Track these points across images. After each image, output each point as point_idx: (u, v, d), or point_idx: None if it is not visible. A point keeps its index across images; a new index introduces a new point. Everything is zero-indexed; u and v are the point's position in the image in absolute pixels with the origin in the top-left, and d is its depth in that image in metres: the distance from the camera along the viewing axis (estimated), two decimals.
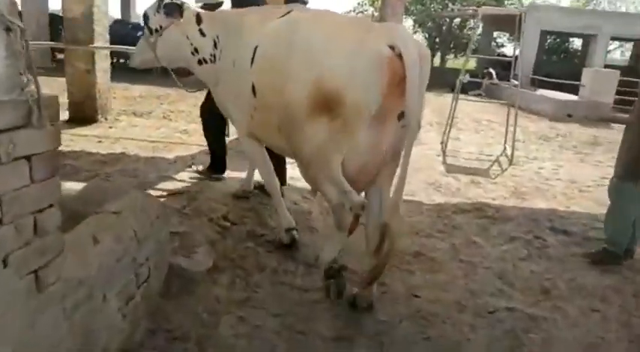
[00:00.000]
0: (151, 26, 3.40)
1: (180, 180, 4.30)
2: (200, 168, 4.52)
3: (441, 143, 7.01)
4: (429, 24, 21.90)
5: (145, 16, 3.44)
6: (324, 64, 2.32)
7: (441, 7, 21.03)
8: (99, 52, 6.67)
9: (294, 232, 3.26)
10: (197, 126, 6.34)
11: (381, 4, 14.06)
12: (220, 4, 3.54)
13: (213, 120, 4.12)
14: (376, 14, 21.68)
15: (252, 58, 2.78)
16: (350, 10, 22.91)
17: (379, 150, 2.47)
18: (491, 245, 3.63)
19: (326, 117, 2.33)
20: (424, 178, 5.24)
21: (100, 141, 5.60)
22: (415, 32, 23.19)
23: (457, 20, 21.73)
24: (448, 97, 13.51)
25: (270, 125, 2.74)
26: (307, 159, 2.52)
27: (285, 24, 2.66)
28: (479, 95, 14.46)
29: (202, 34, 3.28)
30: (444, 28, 21.91)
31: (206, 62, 3.32)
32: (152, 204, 2.47)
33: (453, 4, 20.01)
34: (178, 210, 3.53)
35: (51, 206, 1.56)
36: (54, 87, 8.99)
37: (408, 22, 21.83)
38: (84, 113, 6.61)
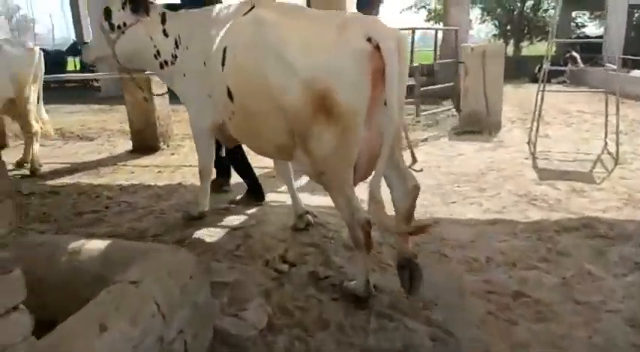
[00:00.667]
0: (113, 22, 3.29)
1: (235, 213, 3.93)
2: (238, 197, 4.22)
3: (528, 143, 6.22)
4: (498, 10, 20.50)
5: (107, 11, 3.32)
6: (308, 65, 2.26)
7: None
8: (154, 78, 6.54)
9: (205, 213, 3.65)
10: None
11: None
12: (184, 3, 3.49)
13: (232, 155, 4.07)
14: (439, 7, 20.71)
15: (223, 60, 2.71)
16: (411, 6, 22.02)
17: (375, 139, 2.38)
18: (613, 275, 2.88)
19: (328, 119, 2.28)
20: (513, 189, 4.50)
21: (159, 172, 5.39)
22: (483, 21, 21.85)
23: (529, 3, 20.19)
24: (527, 88, 12.54)
25: (252, 129, 2.70)
26: (318, 166, 2.45)
27: (252, 25, 2.57)
28: (563, 83, 13.18)
29: (165, 34, 3.25)
30: (514, 13, 20.42)
31: (167, 65, 3.31)
32: (185, 261, 2.05)
33: None
34: (231, 251, 3.15)
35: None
36: (116, 117, 9.17)
37: (475, 12, 20.59)
38: (146, 142, 6.50)
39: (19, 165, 5.66)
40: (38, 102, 5.62)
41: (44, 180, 5.10)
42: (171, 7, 3.40)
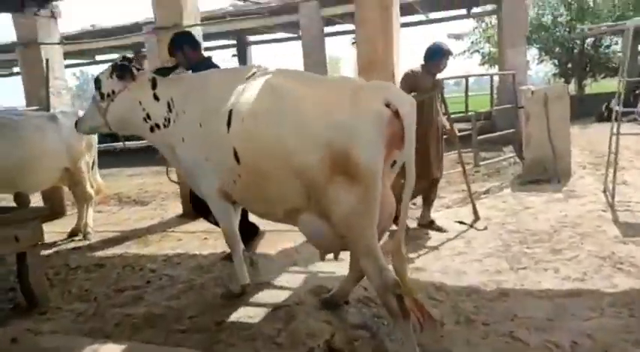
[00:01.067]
0: (103, 91, 3.35)
1: (279, 287, 3.64)
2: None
3: (604, 191, 5.59)
4: (557, 49, 19.78)
5: (97, 81, 3.39)
6: (328, 127, 2.35)
7: (567, 29, 18.95)
8: None
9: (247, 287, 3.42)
10: None
11: (499, 39, 12.79)
12: (175, 68, 3.57)
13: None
14: (493, 50, 20.28)
15: (229, 122, 2.76)
16: (464, 51, 21.72)
17: (386, 196, 2.53)
18: None
19: (346, 182, 2.33)
20: (594, 249, 3.94)
21: (205, 239, 5.24)
22: (541, 61, 21.13)
23: (589, 40, 19.37)
24: (595, 128, 11.70)
25: (260, 192, 2.71)
26: (340, 228, 2.46)
27: (266, 89, 2.68)
28: (634, 120, 12.21)
29: (156, 98, 3.27)
30: (574, 51, 19.63)
31: (159, 128, 3.29)
32: None
33: (582, 23, 17.86)
34: (271, 338, 2.83)
35: None
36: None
37: (532, 52, 19.98)
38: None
39: (73, 234, 5.71)
40: (92, 168, 5.74)
41: (93, 251, 5.06)
42: (162, 71, 3.45)
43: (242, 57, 18.96)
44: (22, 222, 3.48)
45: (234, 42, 19.02)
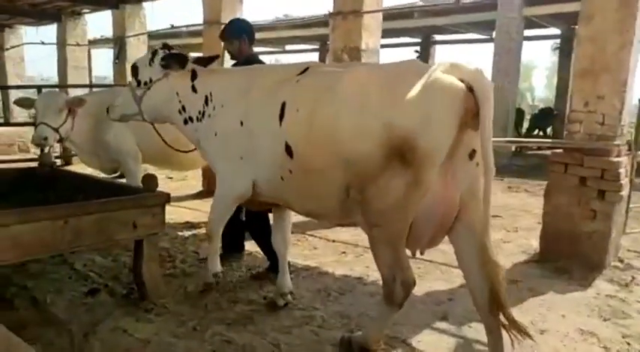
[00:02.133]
0: (140, 78, 3.19)
1: (418, 349, 2.74)
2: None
3: None
4: None
5: (134, 68, 3.23)
6: (389, 111, 2.20)
7: None
8: None
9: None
10: None
11: None
12: (216, 58, 3.41)
13: (255, 220, 3.87)
14: None
15: (281, 115, 2.62)
16: None
17: (451, 198, 2.27)
18: None
19: (400, 168, 2.19)
20: None
21: (343, 253, 4.53)
22: None
23: None
24: None
25: (311, 186, 2.58)
26: (376, 218, 2.33)
27: (321, 78, 2.59)
28: None
29: (194, 90, 3.12)
30: None
31: (192, 121, 3.14)
32: None
33: None
34: None
35: None
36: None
37: None
38: None
39: None
40: None
41: None
42: (202, 61, 3.28)
43: (424, 56, 17.96)
44: (144, 208, 3.15)
45: (419, 40, 18.10)
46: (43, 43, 10.84)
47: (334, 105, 2.38)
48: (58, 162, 7.98)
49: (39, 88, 7.27)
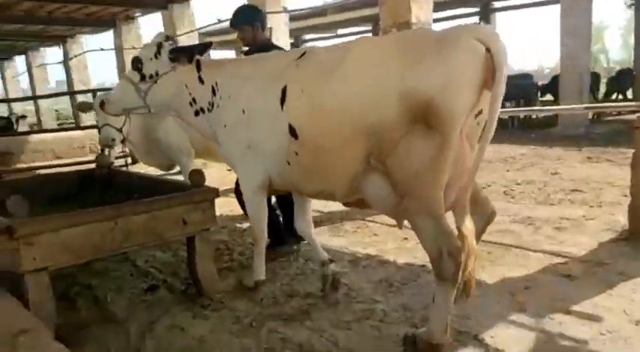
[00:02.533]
0: (144, 72, 3.06)
1: (490, 346, 2.46)
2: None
3: None
4: None
5: (137, 60, 3.08)
6: (411, 76, 2.16)
7: None
8: None
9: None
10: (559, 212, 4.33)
11: None
12: (210, 45, 3.29)
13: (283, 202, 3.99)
14: None
15: (282, 99, 2.62)
16: None
17: (468, 154, 2.29)
18: None
19: (423, 132, 2.16)
20: None
21: (405, 239, 4.28)
22: None
23: None
24: None
25: (321, 166, 2.57)
26: (405, 186, 2.28)
27: (325, 56, 2.57)
28: None
29: (201, 81, 3.08)
30: None
31: (203, 112, 3.12)
32: None
33: None
34: None
35: None
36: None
37: None
38: None
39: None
40: None
41: None
42: (198, 49, 3.14)
43: (485, 24, 16.99)
44: (192, 204, 3.07)
45: (477, 9, 17.14)
46: (102, 49, 11.28)
47: (346, 79, 2.36)
48: (127, 161, 8.25)
49: (93, 91, 7.51)
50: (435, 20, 10.45)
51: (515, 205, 5.34)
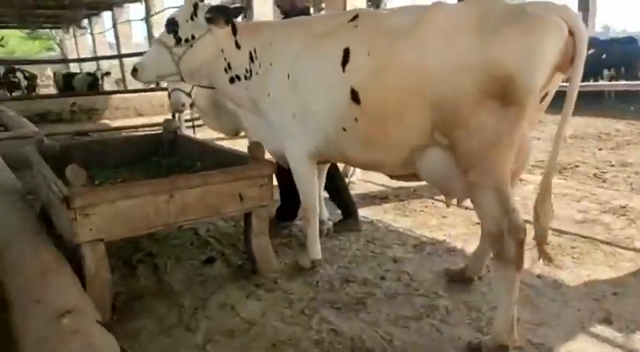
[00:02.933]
0: (180, 35, 2.86)
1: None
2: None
3: None
4: None
5: (173, 23, 2.87)
6: (492, 49, 2.04)
7: None
8: None
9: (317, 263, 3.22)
10: None
11: None
12: (242, 10, 3.15)
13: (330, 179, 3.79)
14: None
15: (344, 61, 2.46)
16: None
17: (526, 137, 2.29)
18: None
19: (497, 107, 2.06)
20: None
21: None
22: None
23: None
24: None
25: (381, 133, 2.44)
26: (471, 160, 2.17)
27: (395, 18, 2.40)
28: None
29: (238, 46, 2.91)
30: None
31: (239, 79, 2.96)
32: None
33: None
34: None
35: None
36: None
37: None
38: None
39: None
40: None
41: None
42: (233, 12, 2.86)
43: None
44: (249, 179, 2.94)
45: None
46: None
47: (420, 46, 2.21)
48: (194, 124, 8.35)
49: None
50: None
51: (606, 191, 4.78)
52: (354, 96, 2.44)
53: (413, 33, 2.25)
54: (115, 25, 16.21)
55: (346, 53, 2.47)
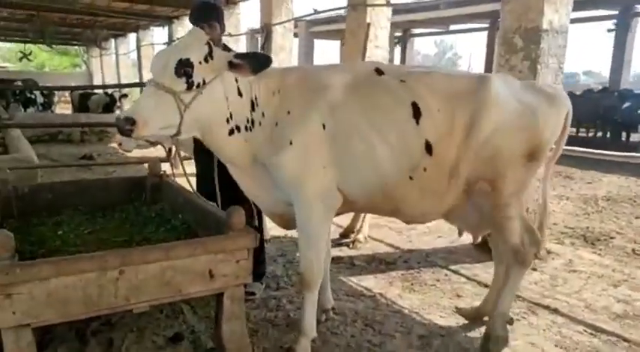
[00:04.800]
0: (193, 79, 2.36)
1: None
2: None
3: None
4: None
5: (186, 64, 2.35)
6: (541, 124, 2.65)
7: None
8: None
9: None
10: None
11: None
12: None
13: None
14: None
15: (416, 114, 2.59)
16: None
17: None
18: None
19: (530, 162, 2.69)
20: None
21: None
22: None
23: None
24: None
25: (439, 183, 2.67)
26: (507, 199, 2.71)
27: (472, 81, 2.72)
28: None
29: (239, 93, 2.55)
30: None
31: (239, 130, 2.59)
32: None
33: None
34: None
35: None
36: None
37: None
38: None
39: (345, 234, 4.77)
40: None
41: (349, 274, 3.87)
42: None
43: (622, 32, 14.78)
44: (224, 252, 2.43)
45: (615, 12, 14.92)
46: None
47: (482, 117, 2.59)
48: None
49: None
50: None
51: None
52: (429, 148, 2.56)
53: (471, 99, 2.63)
54: (138, 48, 16.19)
55: (416, 107, 2.57)
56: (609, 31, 15.22)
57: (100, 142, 11.59)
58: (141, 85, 11.53)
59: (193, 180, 3.47)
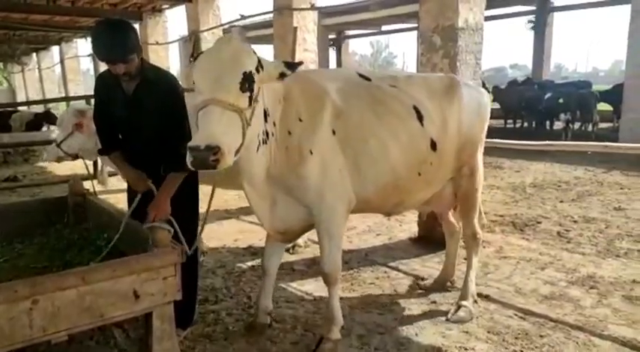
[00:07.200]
0: (254, 92, 2.17)
1: None
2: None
3: None
4: None
5: (250, 78, 2.14)
6: (487, 112, 3.39)
7: None
8: None
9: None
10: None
11: None
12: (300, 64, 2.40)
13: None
14: None
15: (419, 117, 2.93)
16: None
17: None
18: None
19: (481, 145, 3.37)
20: None
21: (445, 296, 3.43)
22: None
23: None
24: None
25: (440, 173, 3.13)
26: (478, 180, 3.34)
27: (466, 89, 3.26)
28: None
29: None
30: None
31: (260, 144, 2.41)
32: None
33: None
34: None
35: None
36: None
37: None
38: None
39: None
40: None
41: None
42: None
43: (540, 26, 15.67)
44: (149, 271, 2.34)
45: (533, 8, 15.80)
46: None
47: (460, 111, 3.13)
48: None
49: None
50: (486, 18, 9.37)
51: (572, 256, 4.38)
52: (434, 146, 2.97)
53: (448, 99, 3.11)
54: (62, 61, 15.43)
55: (417, 110, 2.93)
56: (529, 22, 16.07)
57: (26, 163, 10.93)
58: (67, 99, 11.00)
59: (123, 195, 3.31)
